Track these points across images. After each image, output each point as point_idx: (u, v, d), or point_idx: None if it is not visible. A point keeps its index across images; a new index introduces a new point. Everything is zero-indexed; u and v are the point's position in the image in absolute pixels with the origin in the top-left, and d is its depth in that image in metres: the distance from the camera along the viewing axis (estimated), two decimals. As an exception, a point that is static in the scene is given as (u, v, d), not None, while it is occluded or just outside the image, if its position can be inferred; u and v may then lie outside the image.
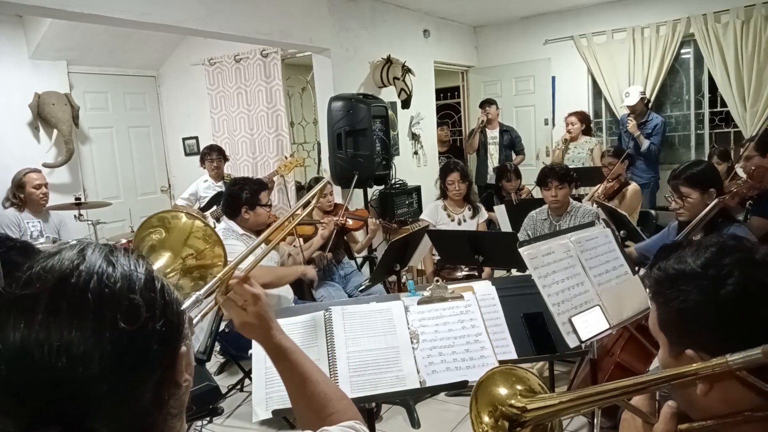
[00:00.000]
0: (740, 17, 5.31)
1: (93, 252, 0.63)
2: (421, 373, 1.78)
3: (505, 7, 6.08)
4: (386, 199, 5.08)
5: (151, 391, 0.61)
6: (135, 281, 0.62)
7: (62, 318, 0.57)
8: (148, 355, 0.61)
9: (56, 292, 0.58)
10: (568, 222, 3.56)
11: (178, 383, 0.66)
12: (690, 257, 0.86)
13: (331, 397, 1.04)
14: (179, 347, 0.66)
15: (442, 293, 1.97)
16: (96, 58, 5.41)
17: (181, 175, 6.22)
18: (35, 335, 0.56)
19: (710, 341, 0.82)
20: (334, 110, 4.58)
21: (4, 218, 3.92)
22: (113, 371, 0.58)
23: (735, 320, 0.81)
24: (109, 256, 0.63)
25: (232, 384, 3.48)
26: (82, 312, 0.58)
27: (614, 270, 2.09)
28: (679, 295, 0.85)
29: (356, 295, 3.72)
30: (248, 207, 3.27)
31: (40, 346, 0.56)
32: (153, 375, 0.62)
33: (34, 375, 0.56)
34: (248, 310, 1.06)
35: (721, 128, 5.91)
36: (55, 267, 0.61)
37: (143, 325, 0.61)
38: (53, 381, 0.56)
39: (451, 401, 3.22)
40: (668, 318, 0.88)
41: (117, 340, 0.58)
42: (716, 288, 0.82)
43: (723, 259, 0.84)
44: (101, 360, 0.57)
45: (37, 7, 3.03)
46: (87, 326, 0.57)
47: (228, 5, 3.90)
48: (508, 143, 6.06)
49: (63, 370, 0.56)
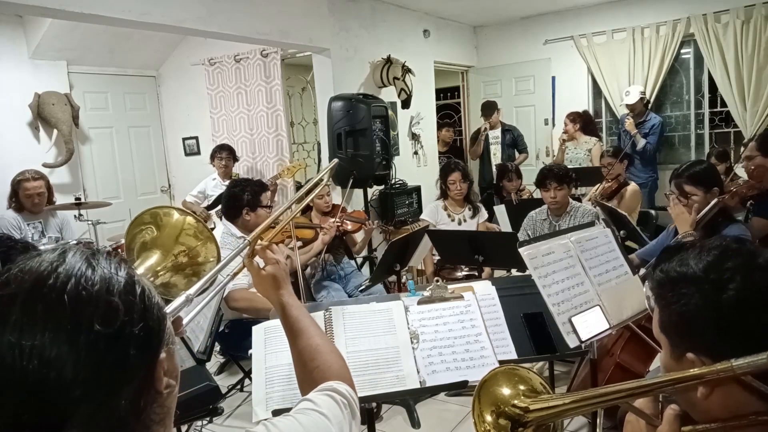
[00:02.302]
0: (740, 17, 5.31)
1: (74, 255, 0.62)
2: (421, 373, 1.78)
3: (505, 7, 6.08)
4: (386, 199, 5.08)
5: (128, 398, 0.60)
6: (114, 284, 0.61)
7: (37, 320, 0.56)
8: (125, 360, 0.59)
9: (32, 294, 0.57)
10: (568, 222, 3.56)
11: (158, 390, 0.64)
12: (692, 260, 0.86)
13: (320, 350, 1.09)
14: (159, 353, 0.64)
15: (442, 293, 1.97)
16: (96, 58, 5.41)
17: (181, 175, 6.23)
18: (8, 338, 0.55)
19: (710, 345, 0.83)
20: (334, 110, 4.58)
21: (3, 221, 3.90)
22: (88, 376, 0.56)
23: (735, 325, 0.81)
24: (90, 259, 0.62)
25: (232, 384, 3.48)
26: (57, 314, 0.56)
27: (614, 270, 2.09)
28: (680, 299, 0.85)
29: (356, 295, 3.71)
30: (249, 208, 3.27)
31: (11, 348, 0.55)
32: (131, 381, 0.60)
33: (6, 379, 0.54)
34: (266, 270, 1.21)
35: (721, 128, 5.91)
36: (33, 268, 0.60)
37: (120, 329, 0.59)
38: (26, 386, 0.54)
39: (451, 401, 3.22)
40: (669, 321, 0.88)
41: (93, 343, 0.57)
42: (718, 293, 0.82)
43: (725, 263, 0.84)
44: (75, 364, 0.55)
45: (37, 7, 3.03)
46: (62, 329, 0.56)
47: (228, 5, 3.90)
48: (511, 142, 6.06)
49: (36, 374, 0.54)
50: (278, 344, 1.79)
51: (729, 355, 0.78)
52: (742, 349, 0.78)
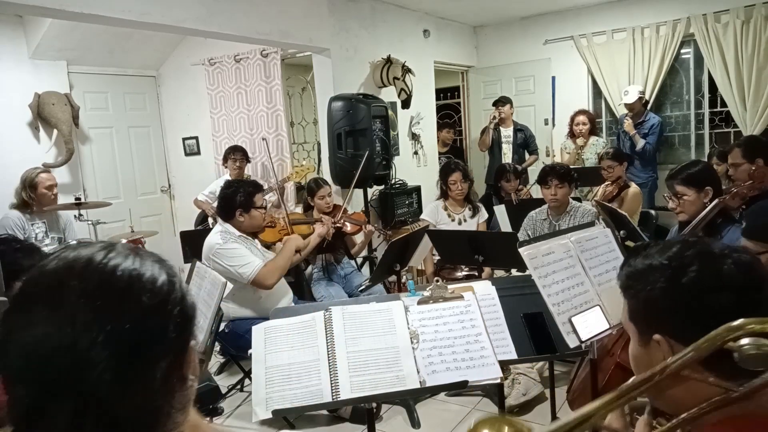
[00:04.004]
0: (740, 17, 5.31)
1: (121, 246, 0.72)
2: (421, 373, 1.78)
3: (505, 7, 6.08)
4: (386, 199, 5.08)
5: (162, 372, 0.67)
6: (157, 272, 0.70)
7: (94, 296, 0.64)
8: (165, 334, 0.68)
9: (88, 269, 0.67)
10: (568, 222, 3.57)
11: (185, 375, 0.71)
12: (657, 254, 0.96)
13: None
14: (190, 339, 0.73)
15: (442, 293, 1.98)
16: (96, 58, 5.41)
17: (181, 175, 6.22)
18: (73, 298, 0.63)
19: (675, 326, 0.91)
20: (334, 110, 4.58)
21: (8, 220, 3.88)
22: (132, 347, 0.64)
23: (696, 305, 0.89)
24: (137, 251, 0.72)
25: (232, 384, 3.48)
26: (112, 287, 0.66)
27: (614, 270, 2.08)
28: (647, 286, 0.94)
29: (356, 295, 3.72)
30: (243, 210, 3.25)
31: (75, 308, 0.63)
32: (167, 356, 0.68)
33: (61, 350, 0.61)
34: None
35: (721, 128, 5.91)
36: (84, 253, 0.69)
37: (163, 305, 0.68)
38: (74, 353, 0.61)
39: (451, 401, 3.22)
40: (637, 308, 0.97)
41: (139, 317, 0.65)
42: (680, 276, 0.91)
43: (685, 251, 0.94)
44: (125, 332, 0.63)
45: (37, 7, 3.03)
46: (114, 301, 0.65)
47: (228, 5, 3.90)
48: (522, 142, 6.00)
49: (86, 345, 0.61)
50: (278, 344, 1.80)
51: (690, 334, 0.85)
52: (700, 328, 0.84)
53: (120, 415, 0.63)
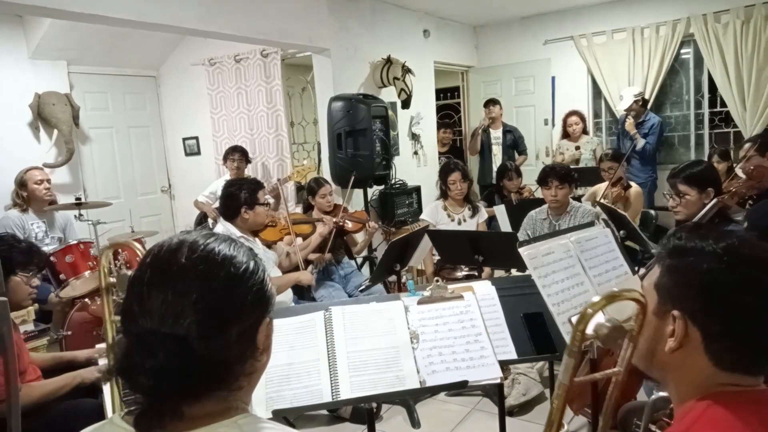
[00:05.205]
0: (740, 17, 5.31)
1: (221, 236, 0.90)
2: (421, 373, 1.78)
3: (505, 7, 6.08)
4: (386, 199, 5.08)
5: (236, 336, 0.83)
6: (246, 258, 0.88)
7: (195, 264, 0.83)
8: (242, 303, 0.84)
9: (192, 248, 0.85)
10: (568, 222, 3.57)
11: (257, 346, 0.88)
12: (714, 240, 0.96)
13: None
14: (266, 314, 0.89)
15: (442, 293, 1.98)
16: (96, 58, 5.41)
17: (181, 176, 6.23)
18: (173, 276, 0.82)
19: (700, 311, 0.92)
20: (334, 110, 4.58)
21: (7, 220, 3.90)
22: (216, 307, 0.81)
23: (731, 302, 0.90)
24: (233, 240, 0.90)
25: (232, 384, 3.48)
26: (207, 262, 0.83)
27: (614, 270, 2.09)
28: (691, 264, 0.95)
29: (356, 295, 3.72)
30: (248, 207, 3.26)
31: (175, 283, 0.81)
32: (241, 321, 0.84)
33: (166, 302, 0.79)
34: None
35: (721, 128, 5.91)
36: (188, 238, 0.87)
37: (244, 278, 0.85)
38: (176, 308, 0.79)
39: (451, 401, 3.22)
40: (670, 281, 0.97)
41: (225, 285, 0.83)
42: (728, 269, 0.91)
43: (743, 249, 0.94)
44: (211, 294, 0.81)
45: (37, 7, 3.03)
46: (208, 272, 0.82)
47: (228, 5, 3.90)
48: (511, 143, 6.04)
49: (185, 300, 0.79)
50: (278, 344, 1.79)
51: (716, 328, 0.90)
52: (727, 325, 0.89)
53: (199, 358, 0.78)
